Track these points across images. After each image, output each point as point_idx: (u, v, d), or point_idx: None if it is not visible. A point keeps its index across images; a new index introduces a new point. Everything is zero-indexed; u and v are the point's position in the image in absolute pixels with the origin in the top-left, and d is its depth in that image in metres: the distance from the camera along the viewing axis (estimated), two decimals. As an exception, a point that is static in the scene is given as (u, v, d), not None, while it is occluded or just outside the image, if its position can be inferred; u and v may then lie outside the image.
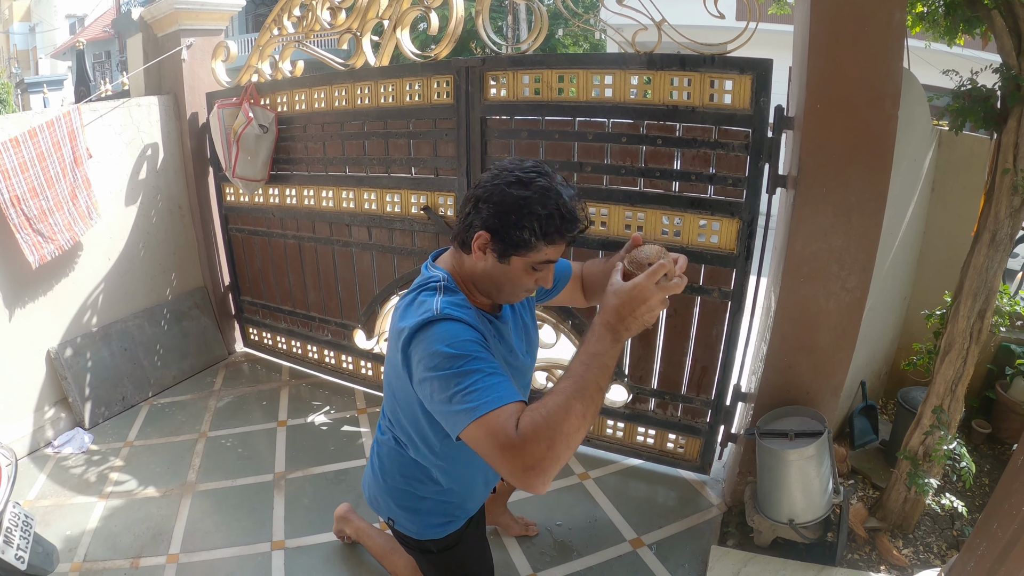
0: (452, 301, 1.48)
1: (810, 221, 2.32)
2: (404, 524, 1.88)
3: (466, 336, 1.39)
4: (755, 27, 2.34)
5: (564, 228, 1.43)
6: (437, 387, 1.36)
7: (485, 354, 1.38)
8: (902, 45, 2.22)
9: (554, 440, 1.24)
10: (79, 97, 6.91)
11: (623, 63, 2.58)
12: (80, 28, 26.60)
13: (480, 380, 1.32)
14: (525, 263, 1.47)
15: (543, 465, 1.24)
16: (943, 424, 2.42)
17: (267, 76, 3.72)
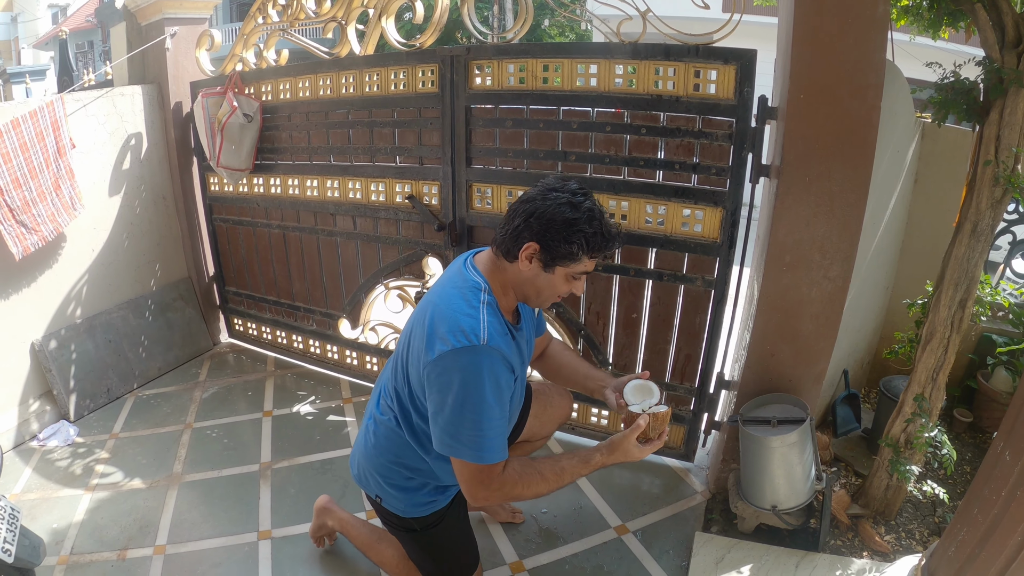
0: (496, 326, 1.67)
1: (793, 210, 2.33)
2: (391, 502, 2.00)
3: (503, 382, 1.66)
4: (740, 18, 2.34)
5: (606, 245, 1.70)
6: (454, 414, 1.64)
7: (506, 401, 1.70)
8: (885, 37, 2.23)
9: (517, 495, 1.74)
10: (62, 87, 6.84)
11: (608, 53, 2.58)
12: (63, 18, 26.25)
13: (492, 433, 1.65)
14: (567, 273, 1.72)
15: (494, 498, 1.73)
16: (924, 412, 2.45)
17: (252, 65, 3.69)
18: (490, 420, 1.63)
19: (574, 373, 2.23)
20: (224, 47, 3.95)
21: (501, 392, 1.65)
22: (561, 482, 1.78)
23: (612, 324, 2.97)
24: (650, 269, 2.80)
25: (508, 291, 1.79)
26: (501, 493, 1.71)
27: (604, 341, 3.00)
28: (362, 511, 2.74)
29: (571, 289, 1.77)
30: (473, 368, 1.60)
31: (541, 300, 1.80)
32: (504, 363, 1.65)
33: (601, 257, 1.74)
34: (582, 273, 1.74)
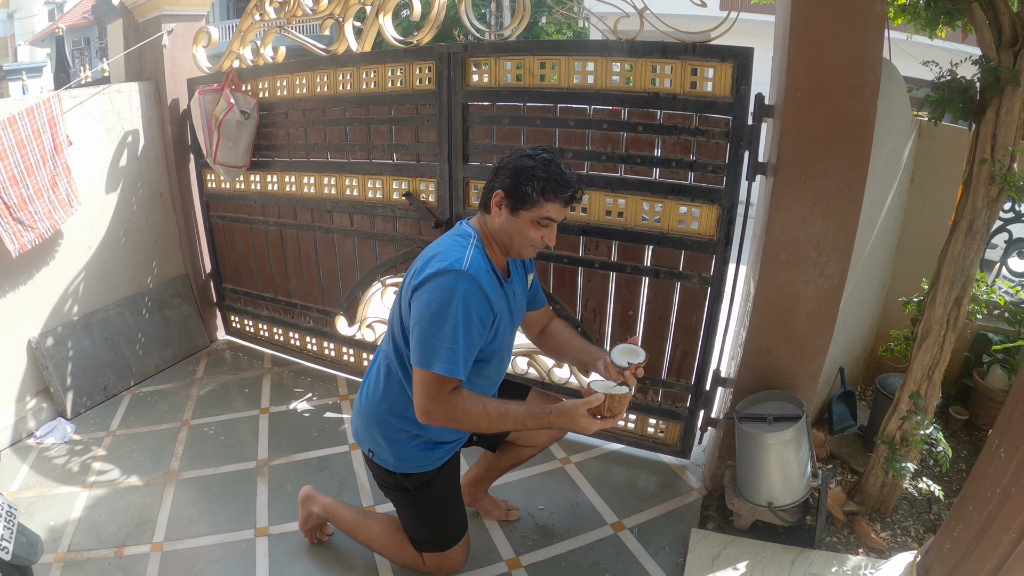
0: (481, 262, 1.87)
1: (789, 208, 2.34)
2: (383, 455, 2.12)
3: (477, 310, 1.81)
4: (737, 16, 2.35)
5: (559, 188, 1.86)
6: (427, 324, 1.80)
7: (476, 332, 1.83)
8: (882, 36, 2.24)
9: (458, 419, 1.85)
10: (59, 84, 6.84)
11: (605, 50, 2.59)
12: (59, 14, 26.18)
13: (457, 348, 1.79)
14: (530, 217, 1.88)
15: (440, 423, 1.87)
16: (920, 409, 2.45)
17: (249, 62, 3.69)
18: (455, 335, 1.78)
19: (571, 348, 2.31)
20: (221, 44, 3.94)
21: (470, 317, 1.80)
22: (503, 424, 1.86)
23: (609, 321, 2.97)
24: (646, 266, 2.81)
25: (492, 244, 1.97)
26: (445, 410, 1.82)
27: (600, 338, 3.00)
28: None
29: (541, 237, 1.91)
30: (450, 288, 1.79)
31: (517, 247, 1.95)
32: (480, 293, 1.82)
33: (561, 203, 1.88)
34: (547, 219, 1.89)
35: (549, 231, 1.93)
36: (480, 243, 1.94)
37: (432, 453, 2.12)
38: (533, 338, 2.41)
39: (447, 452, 2.16)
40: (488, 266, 1.91)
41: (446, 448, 2.16)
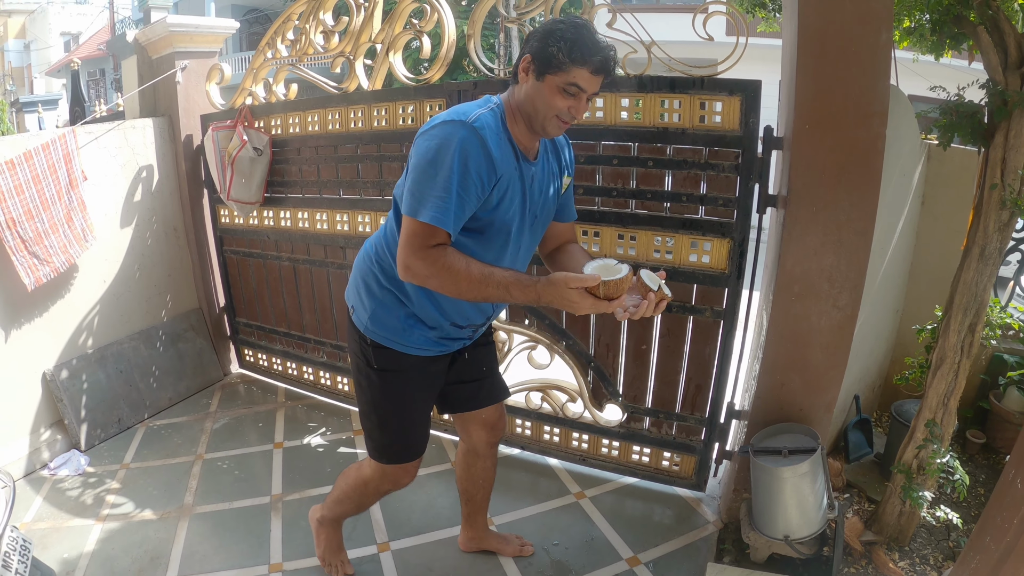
0: (491, 122, 1.71)
1: (800, 241, 2.34)
2: (360, 314, 2.01)
3: (475, 163, 1.64)
4: (744, 48, 2.37)
5: (588, 51, 1.65)
6: (419, 172, 1.66)
7: (472, 186, 1.66)
8: (889, 64, 2.25)
9: (443, 281, 1.67)
10: (74, 117, 6.95)
11: (613, 86, 2.61)
12: (75, 46, 26.66)
13: (448, 199, 1.62)
14: (556, 83, 1.68)
15: (418, 279, 1.69)
16: (936, 438, 2.44)
17: (261, 99, 3.74)
18: (448, 185, 1.63)
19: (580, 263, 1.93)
20: (235, 76, 4.00)
21: (467, 170, 1.64)
22: (485, 289, 1.65)
23: (622, 356, 2.97)
24: (659, 300, 2.80)
25: (516, 116, 1.79)
26: (425, 263, 1.65)
27: (614, 373, 3.00)
28: (372, 544, 2.74)
29: (566, 106, 1.71)
30: (449, 136, 1.64)
31: (542, 117, 1.74)
32: (481, 147, 1.65)
33: (590, 68, 1.67)
34: (574, 86, 1.68)
35: (577, 102, 1.72)
36: (500, 111, 1.78)
37: (409, 332, 1.95)
38: (545, 253, 2.14)
39: (425, 342, 1.98)
40: (501, 131, 1.74)
41: (425, 336, 1.97)
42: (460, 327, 2.01)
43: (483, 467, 2.46)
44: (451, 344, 2.05)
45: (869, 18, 2.17)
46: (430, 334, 1.98)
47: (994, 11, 2.28)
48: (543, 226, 2.00)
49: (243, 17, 20.38)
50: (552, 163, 1.95)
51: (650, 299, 1.60)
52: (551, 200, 1.96)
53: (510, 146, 1.76)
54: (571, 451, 3.23)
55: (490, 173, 1.68)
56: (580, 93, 1.70)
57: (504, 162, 1.72)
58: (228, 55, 19.27)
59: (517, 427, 3.34)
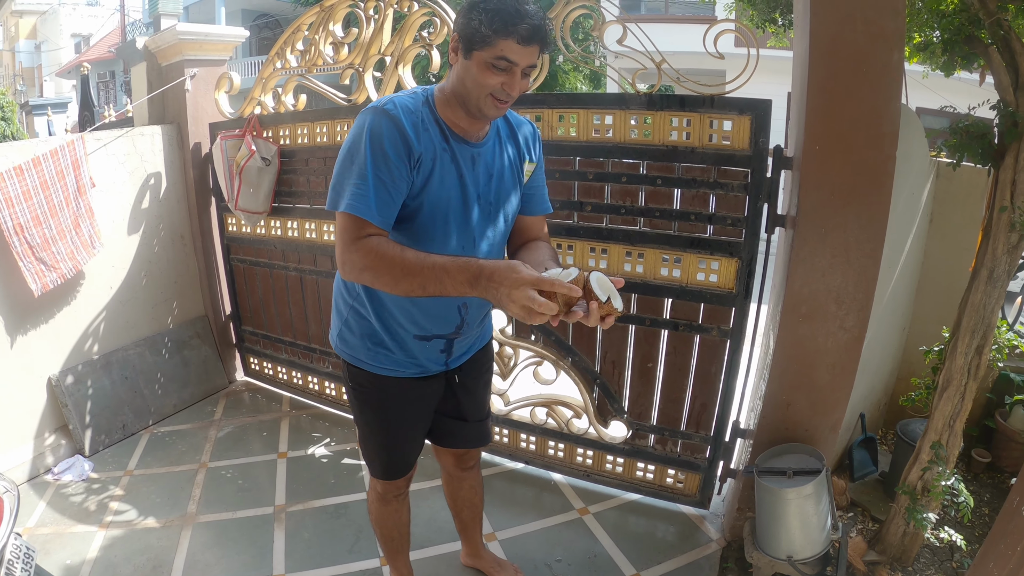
0: (407, 103, 1.64)
1: (808, 261, 2.34)
2: (333, 334, 2.00)
3: (389, 143, 1.57)
4: (754, 68, 2.36)
5: (512, 18, 1.53)
6: (338, 166, 1.62)
7: (391, 168, 1.57)
8: (900, 85, 2.25)
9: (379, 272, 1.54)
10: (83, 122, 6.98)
11: (623, 103, 2.61)
12: (85, 47, 26.81)
13: (367, 187, 1.55)
14: (484, 59, 1.57)
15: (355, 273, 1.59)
16: (941, 460, 2.43)
17: (270, 108, 3.75)
18: (364, 171, 1.55)
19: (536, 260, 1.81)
20: (244, 80, 4.00)
21: (379, 151, 1.56)
22: (422, 276, 1.49)
23: (628, 373, 2.96)
24: (665, 319, 2.80)
25: (452, 101, 1.68)
26: (358, 255, 1.55)
27: (619, 390, 2.99)
28: (375, 558, 2.74)
29: (498, 83, 1.58)
30: (360, 125, 1.60)
31: (475, 98, 1.62)
32: (392, 126, 1.57)
33: (516, 39, 1.54)
34: (503, 60, 1.56)
35: (510, 78, 1.59)
36: (427, 94, 1.70)
37: (373, 352, 1.90)
38: (511, 250, 1.98)
39: (391, 363, 1.90)
40: (421, 111, 1.65)
41: (389, 356, 1.89)
42: (425, 339, 1.89)
43: (465, 487, 2.44)
44: (425, 366, 1.95)
45: (881, 38, 2.17)
46: (395, 355, 1.90)
47: (1006, 31, 2.28)
48: (505, 215, 1.86)
49: (253, 22, 20.45)
50: (508, 147, 1.84)
51: (592, 309, 1.40)
52: (508, 185, 1.83)
53: (436, 126, 1.68)
54: (575, 467, 3.23)
55: (407, 150, 1.59)
56: (511, 67, 1.58)
57: (424, 140, 1.64)
58: (237, 60, 19.31)
59: (522, 442, 3.34)
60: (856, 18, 2.17)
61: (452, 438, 2.23)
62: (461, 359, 2.04)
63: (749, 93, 2.44)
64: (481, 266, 1.43)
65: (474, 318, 1.93)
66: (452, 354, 1.98)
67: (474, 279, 1.44)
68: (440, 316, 1.85)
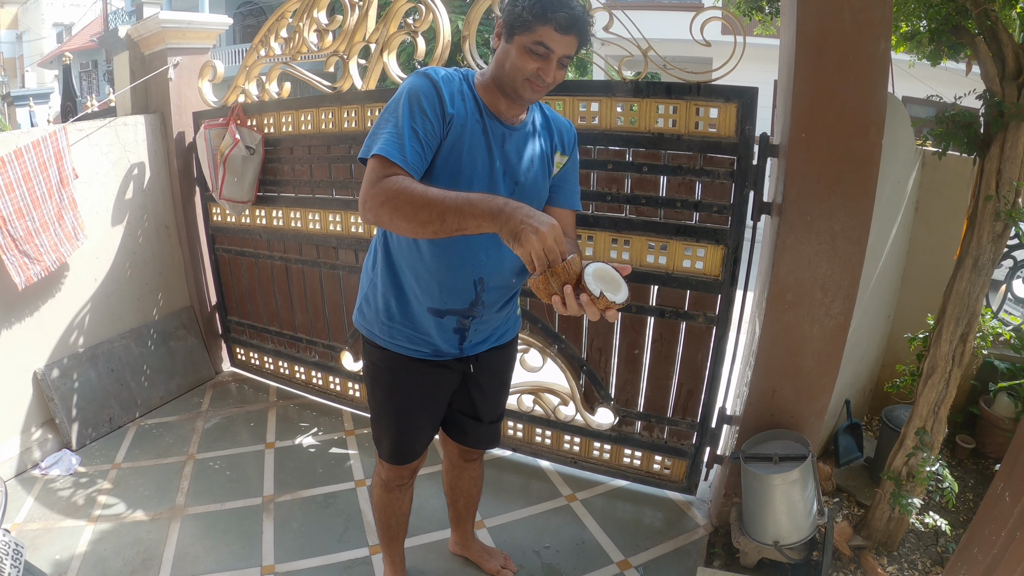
0: (451, 76, 1.72)
1: (794, 249, 2.34)
2: (355, 311, 2.04)
3: (426, 97, 1.63)
4: (740, 56, 2.36)
5: (551, 7, 1.58)
6: (380, 120, 1.66)
7: (425, 118, 1.62)
8: (887, 74, 2.25)
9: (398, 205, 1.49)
10: (65, 113, 6.89)
11: (609, 90, 2.61)
12: (67, 37, 26.46)
13: (397, 132, 1.59)
14: (524, 43, 1.62)
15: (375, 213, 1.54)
16: (926, 446, 2.45)
17: (254, 97, 3.71)
18: (399, 121, 1.61)
19: None
20: (228, 68, 3.96)
21: (416, 105, 1.62)
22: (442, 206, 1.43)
23: (614, 360, 2.97)
24: (652, 306, 2.81)
25: (491, 85, 1.74)
26: (380, 190, 1.52)
27: (606, 377, 3.00)
28: (364, 547, 2.75)
29: (535, 68, 1.63)
30: (402, 88, 1.67)
31: (511, 79, 1.67)
32: (431, 86, 1.65)
33: (555, 26, 1.59)
34: (540, 46, 1.61)
35: (546, 64, 1.64)
36: (469, 75, 1.77)
37: (388, 325, 1.91)
38: None
39: (404, 338, 1.90)
40: (462, 85, 1.73)
41: (403, 332, 1.90)
42: (438, 314, 1.86)
43: (465, 477, 2.45)
44: (439, 346, 1.92)
45: (868, 27, 2.17)
46: (407, 331, 1.90)
47: (993, 21, 2.28)
48: (532, 199, 1.82)
49: (236, 10, 20.25)
50: (542, 138, 1.87)
51: (584, 302, 1.37)
52: (538, 173, 1.84)
53: (473, 100, 1.73)
54: (563, 454, 3.24)
55: (441, 108, 1.65)
56: (548, 54, 1.63)
57: (459, 105, 1.69)
58: (221, 48, 19.13)
59: (509, 429, 3.34)
60: (843, 7, 2.17)
61: (464, 436, 2.24)
62: (478, 347, 2.00)
63: (736, 81, 2.44)
64: (507, 199, 1.40)
65: (491, 300, 1.90)
66: (467, 339, 1.95)
67: (498, 210, 1.38)
68: (454, 288, 1.83)
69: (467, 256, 1.79)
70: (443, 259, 1.78)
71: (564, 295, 1.37)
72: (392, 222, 1.52)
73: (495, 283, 1.86)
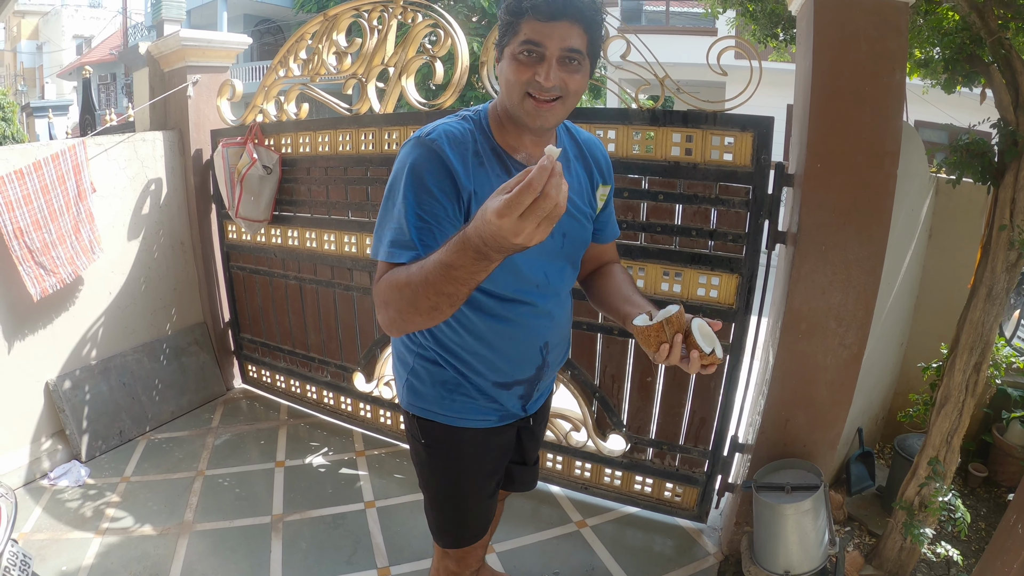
0: (455, 131, 1.43)
1: (809, 279, 2.35)
2: (399, 387, 1.73)
3: (432, 178, 1.36)
4: (756, 87, 2.37)
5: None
6: (382, 208, 1.43)
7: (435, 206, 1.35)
8: (902, 104, 2.26)
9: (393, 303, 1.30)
10: (83, 126, 7.00)
11: (626, 118, 2.62)
12: (87, 49, 26.83)
13: (398, 228, 1.35)
14: (511, 52, 1.36)
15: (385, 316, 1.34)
16: (939, 476, 2.43)
17: (272, 117, 3.74)
18: (405, 212, 1.34)
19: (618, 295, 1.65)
20: (247, 85, 4.00)
21: (423, 189, 1.35)
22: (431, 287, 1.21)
23: (627, 386, 2.96)
24: (666, 333, 2.79)
25: (503, 120, 1.48)
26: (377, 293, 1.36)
27: (619, 403, 2.99)
28: (372, 569, 2.73)
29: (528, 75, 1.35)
30: (403, 161, 1.39)
31: (514, 104, 1.39)
32: (436, 159, 1.37)
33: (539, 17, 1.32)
34: (528, 44, 1.33)
35: (541, 66, 1.34)
36: (480, 116, 1.49)
37: (450, 401, 1.64)
38: (581, 279, 1.80)
39: (474, 411, 1.66)
40: (471, 138, 1.44)
41: (472, 404, 1.65)
42: (506, 387, 1.66)
43: None
44: (506, 412, 1.71)
45: (884, 57, 2.19)
46: (477, 401, 1.65)
47: (1007, 49, 2.29)
48: (576, 246, 1.62)
49: (255, 28, 20.54)
50: (578, 168, 1.61)
51: (693, 359, 1.31)
52: (581, 217, 1.60)
53: (495, 156, 1.45)
54: (573, 479, 3.22)
55: (453, 186, 1.37)
56: (539, 51, 1.33)
57: (478, 175, 1.41)
58: (239, 65, 19.32)
59: (519, 453, 3.32)
60: (859, 37, 2.19)
61: (511, 483, 2.01)
62: (537, 403, 1.81)
63: (750, 104, 2.43)
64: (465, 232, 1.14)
65: (555, 359, 1.74)
66: (531, 399, 1.75)
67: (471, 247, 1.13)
68: (521, 359, 1.64)
69: (532, 325, 1.61)
70: (505, 333, 1.58)
71: (674, 344, 1.31)
72: (408, 323, 1.32)
73: (557, 340, 1.72)
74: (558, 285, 1.62)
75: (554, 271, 1.59)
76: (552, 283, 1.59)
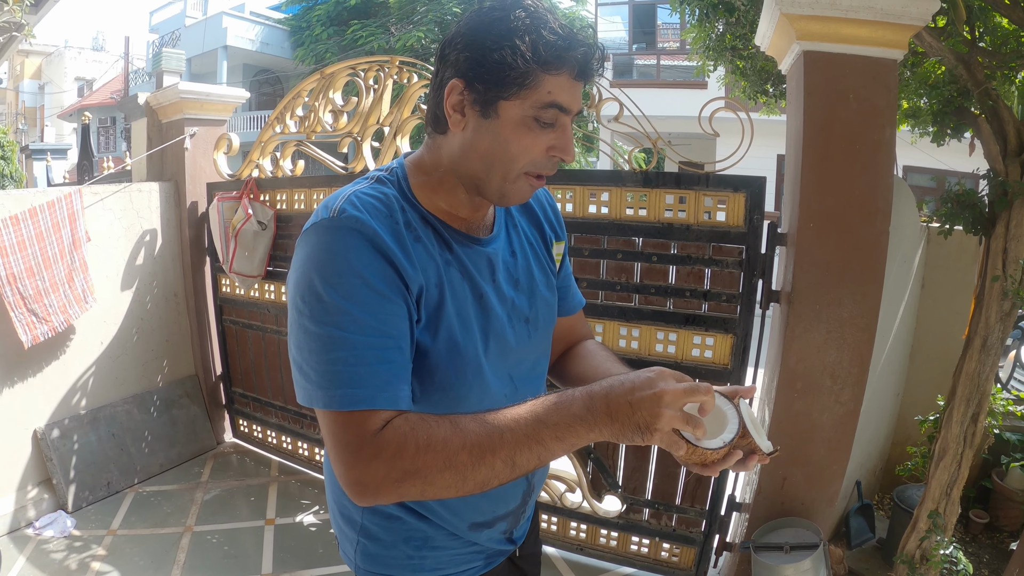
0: (368, 199, 1.02)
1: (803, 338, 2.35)
2: (345, 547, 1.28)
3: (370, 269, 0.96)
4: (750, 143, 2.40)
5: (562, 44, 0.98)
6: (295, 334, 0.99)
7: (388, 311, 0.97)
8: (892, 161, 2.29)
9: (434, 479, 0.92)
10: (81, 171, 7.04)
11: (619, 180, 2.64)
12: (88, 91, 27.13)
13: (357, 353, 0.95)
14: (523, 108, 1.00)
15: (387, 494, 0.93)
16: (939, 528, 2.42)
17: (268, 172, 3.76)
18: (343, 335, 0.94)
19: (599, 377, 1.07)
20: (244, 134, 4.02)
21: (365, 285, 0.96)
22: (506, 449, 0.91)
23: (622, 448, 2.93)
24: (661, 394, 2.77)
25: (444, 181, 1.10)
26: (385, 465, 0.91)
27: (614, 464, 2.95)
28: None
29: (545, 144, 1.03)
30: (308, 255, 0.98)
31: (501, 174, 1.04)
32: (364, 243, 0.97)
33: (571, 71, 1.00)
34: (552, 106, 1.00)
35: (561, 134, 1.03)
36: (398, 178, 1.10)
37: (420, 559, 1.21)
38: (554, 361, 1.39)
39: (449, 562, 1.24)
40: (399, 209, 1.04)
41: (446, 554, 1.23)
42: (486, 525, 1.25)
43: None
44: (492, 551, 1.30)
45: (874, 114, 2.23)
46: (451, 550, 1.24)
47: (994, 100, 2.33)
48: (546, 331, 1.28)
49: (254, 77, 20.83)
50: (523, 226, 1.26)
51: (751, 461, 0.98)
52: (541, 286, 1.25)
53: (427, 226, 1.08)
54: (569, 540, 3.17)
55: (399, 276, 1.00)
56: (562, 116, 1.02)
57: (419, 255, 1.04)
58: (238, 114, 19.50)
59: (514, 514, 3.28)
60: (849, 95, 2.23)
61: None
62: (524, 527, 1.38)
63: (741, 155, 2.47)
64: (592, 389, 0.92)
65: (539, 479, 1.33)
66: (517, 530, 1.34)
67: (588, 415, 0.90)
68: (503, 491, 1.18)
69: None
70: None
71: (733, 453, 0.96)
72: (428, 494, 0.94)
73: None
74: (526, 390, 1.21)
75: (522, 373, 1.22)
76: (520, 390, 1.20)
